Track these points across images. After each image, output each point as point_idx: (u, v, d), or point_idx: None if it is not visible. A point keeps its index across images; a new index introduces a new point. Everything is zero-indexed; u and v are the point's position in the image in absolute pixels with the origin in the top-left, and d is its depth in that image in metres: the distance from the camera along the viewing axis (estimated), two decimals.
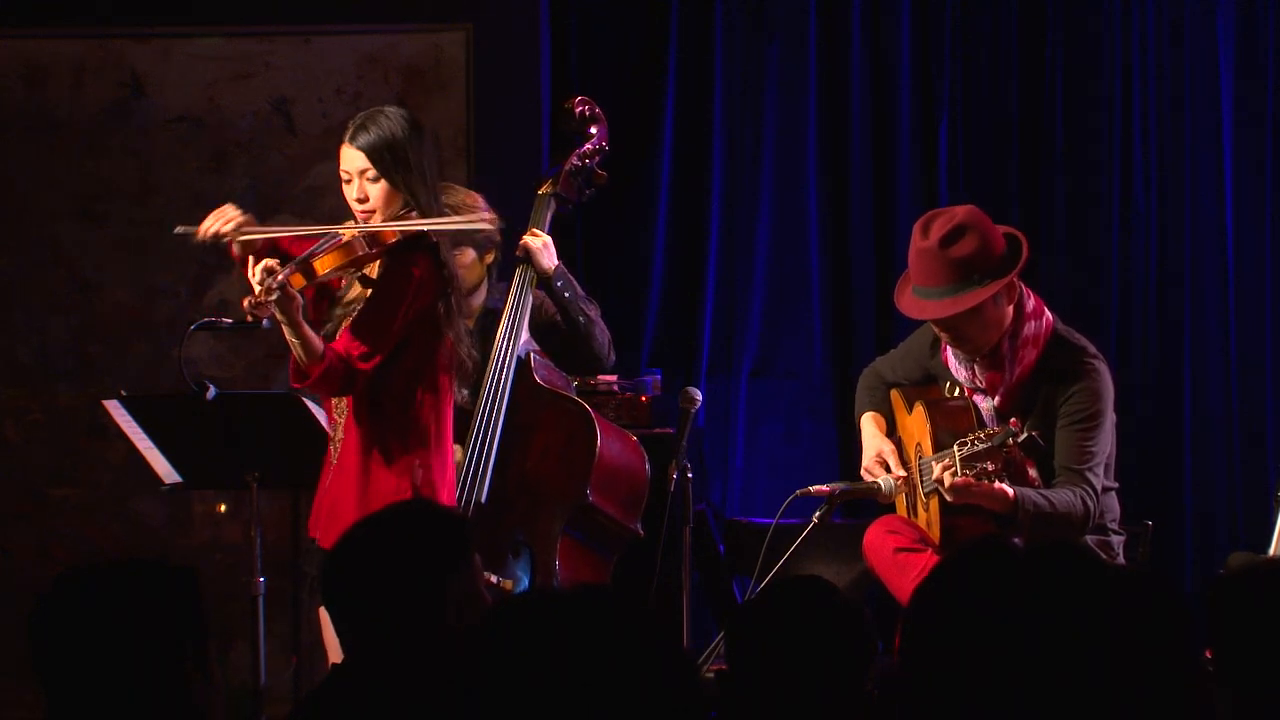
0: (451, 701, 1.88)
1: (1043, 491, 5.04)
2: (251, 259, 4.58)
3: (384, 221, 4.73)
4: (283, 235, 4.79)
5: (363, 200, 4.75)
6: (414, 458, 4.73)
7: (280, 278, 4.50)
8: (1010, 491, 4.97)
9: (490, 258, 5.64)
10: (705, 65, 7.09)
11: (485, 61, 6.82)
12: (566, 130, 5.93)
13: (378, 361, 4.66)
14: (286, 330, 4.57)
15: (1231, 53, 6.96)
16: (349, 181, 4.79)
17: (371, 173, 4.73)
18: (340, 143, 4.81)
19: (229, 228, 4.66)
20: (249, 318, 4.58)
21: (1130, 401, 6.46)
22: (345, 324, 4.75)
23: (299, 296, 4.57)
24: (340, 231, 4.73)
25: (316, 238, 4.73)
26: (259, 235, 4.69)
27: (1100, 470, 5.12)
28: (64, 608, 2.81)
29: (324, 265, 4.62)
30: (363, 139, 4.76)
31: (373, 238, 4.67)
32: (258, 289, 4.50)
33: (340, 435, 4.80)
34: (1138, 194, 7.00)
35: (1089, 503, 5.06)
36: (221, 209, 4.70)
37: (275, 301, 4.49)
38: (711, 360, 7.11)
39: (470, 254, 5.51)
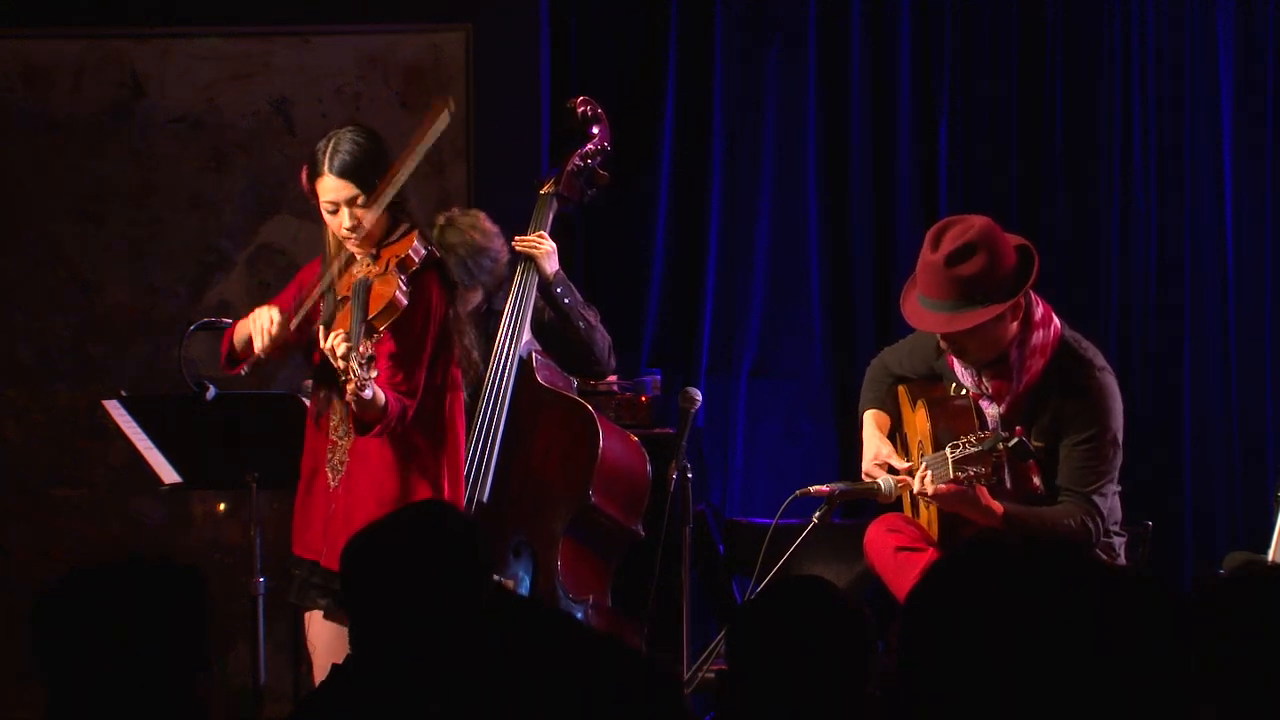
0: (449, 701, 1.88)
1: (1037, 511, 5.01)
2: (329, 345, 4.55)
3: (380, 240, 4.72)
4: (308, 303, 4.75)
5: (355, 228, 4.68)
6: (441, 467, 4.75)
7: (368, 351, 4.49)
8: (999, 509, 4.95)
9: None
10: (705, 66, 7.09)
11: (485, 61, 6.81)
12: (568, 129, 5.93)
13: (421, 393, 4.71)
14: (363, 393, 4.52)
15: (1231, 52, 6.97)
16: (334, 212, 4.71)
17: (361, 198, 4.67)
18: (315, 178, 4.74)
19: (271, 336, 4.63)
20: (351, 400, 4.55)
21: (1130, 402, 6.44)
22: (340, 318, 4.73)
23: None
24: (365, 275, 4.70)
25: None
26: (294, 317, 4.67)
27: (1108, 490, 5.07)
28: (66, 607, 2.81)
29: (381, 322, 4.63)
30: (340, 163, 4.68)
31: (402, 265, 4.67)
32: (356, 370, 4.46)
33: (343, 456, 4.78)
34: (1138, 194, 7.00)
35: (1089, 523, 5.01)
36: (260, 325, 4.67)
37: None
38: (711, 360, 7.11)
39: (479, 294, 5.51)
